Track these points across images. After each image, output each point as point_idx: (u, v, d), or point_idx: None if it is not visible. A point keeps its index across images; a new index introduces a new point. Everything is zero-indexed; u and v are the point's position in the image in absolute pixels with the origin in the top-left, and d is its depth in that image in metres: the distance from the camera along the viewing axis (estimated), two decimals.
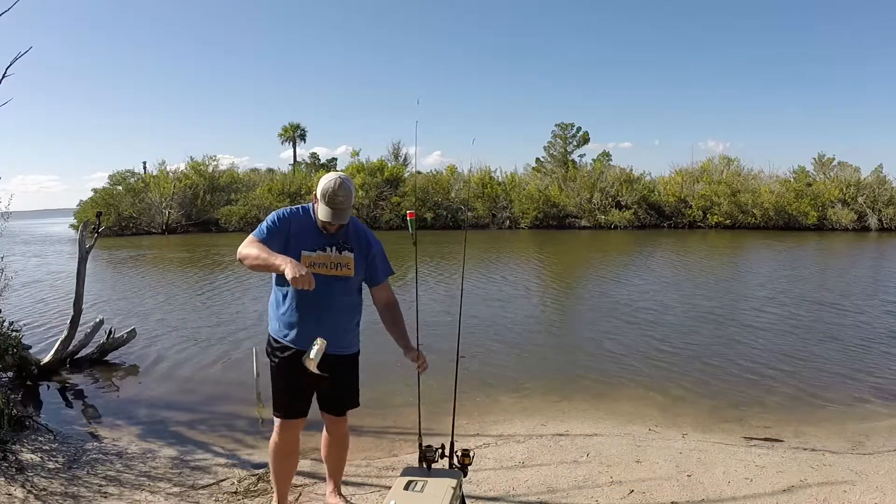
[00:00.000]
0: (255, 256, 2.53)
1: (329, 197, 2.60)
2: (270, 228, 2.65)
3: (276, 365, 2.80)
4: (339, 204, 2.61)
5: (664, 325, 8.38)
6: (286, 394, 2.79)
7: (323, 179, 2.65)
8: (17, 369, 5.90)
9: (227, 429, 4.73)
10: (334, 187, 2.60)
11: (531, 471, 3.65)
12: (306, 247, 2.69)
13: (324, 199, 2.61)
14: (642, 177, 33.39)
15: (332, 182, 2.61)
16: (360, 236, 2.82)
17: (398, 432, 4.57)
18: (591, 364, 6.56)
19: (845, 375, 6.02)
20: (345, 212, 2.64)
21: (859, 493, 3.33)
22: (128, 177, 37.05)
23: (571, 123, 41.10)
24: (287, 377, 2.76)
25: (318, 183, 2.67)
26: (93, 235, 6.74)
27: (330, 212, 2.61)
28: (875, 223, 27.31)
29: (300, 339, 2.71)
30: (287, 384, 2.77)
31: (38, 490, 3.39)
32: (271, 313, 2.83)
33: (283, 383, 2.78)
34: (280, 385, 2.79)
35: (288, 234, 2.67)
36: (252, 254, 2.54)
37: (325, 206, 2.62)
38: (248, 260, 2.56)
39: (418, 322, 2.84)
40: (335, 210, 2.61)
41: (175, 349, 7.41)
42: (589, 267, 16.11)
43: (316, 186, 2.70)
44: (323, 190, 2.60)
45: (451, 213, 32.59)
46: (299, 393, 2.79)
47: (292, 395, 2.78)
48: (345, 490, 3.31)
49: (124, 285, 13.51)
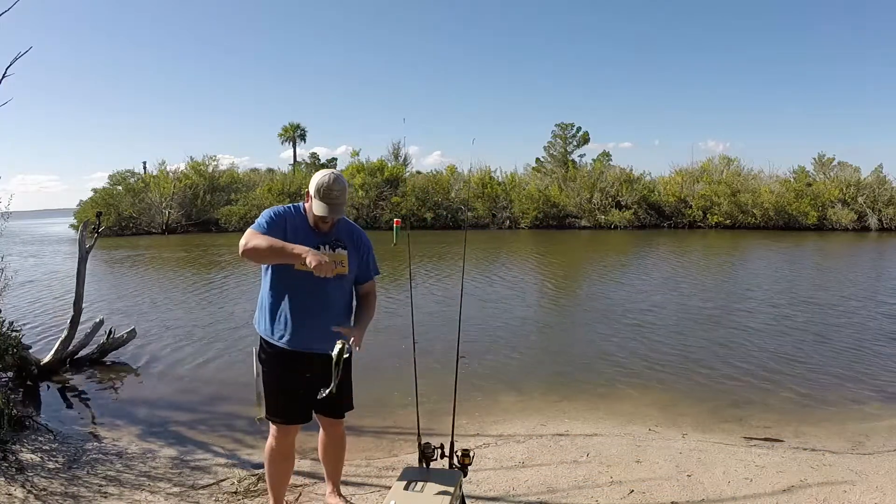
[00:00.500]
0: (269, 246, 2.45)
1: (324, 192, 2.57)
2: (270, 223, 2.58)
3: (270, 368, 2.74)
4: (334, 198, 2.59)
5: (664, 326, 8.38)
6: (283, 397, 2.73)
7: (316, 176, 2.63)
8: (17, 369, 5.90)
9: (227, 429, 4.73)
10: (329, 182, 2.57)
11: (531, 471, 3.65)
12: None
13: (318, 195, 2.58)
14: (642, 177, 33.44)
15: (326, 177, 2.59)
16: (352, 234, 2.80)
17: (398, 432, 4.57)
18: (591, 364, 6.56)
19: (845, 376, 6.02)
20: (340, 206, 2.62)
21: (859, 493, 3.33)
22: (128, 177, 37.06)
23: (571, 123, 41.15)
24: (282, 380, 2.71)
25: (310, 181, 2.66)
26: (93, 235, 6.74)
27: (326, 206, 2.58)
28: (875, 223, 27.33)
29: (298, 341, 2.66)
30: (283, 387, 2.71)
31: (38, 490, 3.39)
32: (263, 315, 2.74)
33: (277, 386, 2.72)
34: (275, 389, 2.73)
35: (285, 231, 2.60)
36: (262, 244, 2.45)
37: (319, 202, 2.58)
38: (258, 250, 2.46)
39: (414, 324, 2.84)
40: (331, 205, 2.59)
41: (175, 349, 7.41)
42: (589, 267, 16.10)
43: (308, 185, 2.69)
44: (318, 185, 2.58)
45: (451, 213, 32.60)
46: (297, 396, 2.71)
47: (290, 399, 2.72)
48: (344, 490, 3.31)
49: (124, 285, 13.50)
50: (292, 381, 2.70)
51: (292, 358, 2.69)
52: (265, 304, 2.73)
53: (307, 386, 2.66)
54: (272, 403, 2.76)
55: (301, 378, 2.69)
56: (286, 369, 2.70)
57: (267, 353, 2.74)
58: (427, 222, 32.01)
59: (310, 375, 2.67)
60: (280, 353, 2.70)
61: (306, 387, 2.66)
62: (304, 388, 2.68)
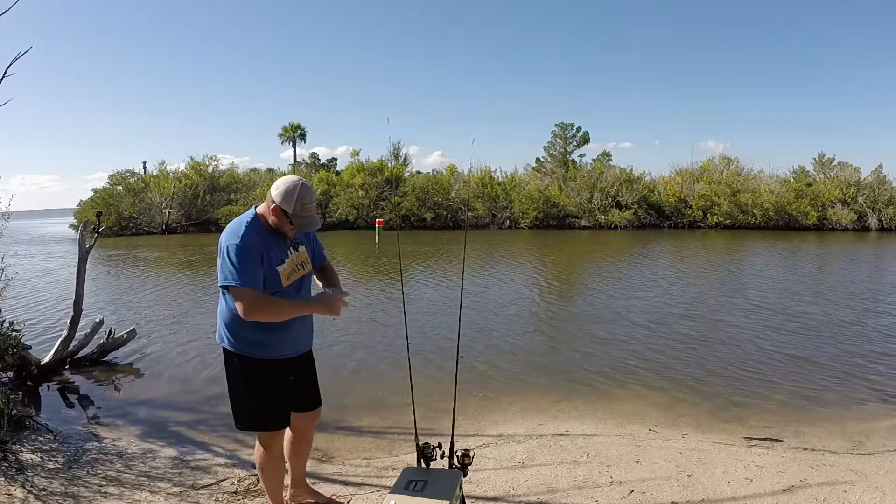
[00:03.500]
0: (283, 313, 2.51)
1: (304, 206, 2.51)
2: (254, 268, 2.45)
3: (258, 381, 2.63)
4: (313, 209, 2.56)
5: (664, 325, 8.38)
6: (277, 403, 2.70)
7: (286, 187, 2.50)
8: (17, 369, 5.90)
9: (227, 429, 4.71)
10: (304, 194, 2.50)
11: (531, 471, 3.65)
12: (277, 261, 2.56)
13: (298, 209, 2.49)
14: (642, 177, 33.44)
15: (297, 188, 2.49)
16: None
17: (398, 432, 4.57)
18: (591, 364, 6.55)
19: (845, 375, 6.01)
20: (316, 216, 2.61)
21: (859, 493, 3.33)
22: (128, 177, 37.13)
23: (571, 123, 41.05)
24: (273, 387, 2.67)
25: (274, 191, 2.52)
26: (93, 235, 6.74)
27: (309, 221, 2.55)
28: (875, 223, 27.33)
29: (287, 347, 2.66)
30: (273, 395, 2.68)
31: (38, 490, 3.39)
32: (248, 335, 2.57)
33: (272, 394, 2.67)
34: (269, 397, 2.66)
35: (262, 259, 2.49)
36: (274, 312, 2.48)
37: (302, 217, 2.52)
38: (275, 319, 2.50)
39: (407, 324, 2.84)
40: (313, 217, 2.57)
41: (175, 349, 7.41)
42: (589, 267, 16.10)
43: (271, 191, 2.54)
44: (297, 198, 2.48)
45: (451, 213, 32.62)
46: (284, 399, 2.73)
47: (284, 403, 2.73)
48: (344, 490, 3.32)
49: (124, 285, 13.50)
50: (280, 386, 2.70)
51: (283, 365, 2.68)
52: (247, 325, 2.54)
53: (290, 386, 2.74)
54: (268, 414, 2.68)
55: (286, 381, 2.72)
56: (276, 377, 2.67)
57: (251, 367, 2.62)
58: (427, 222, 32.02)
59: (293, 378, 2.75)
60: (269, 364, 2.64)
61: (290, 388, 2.74)
62: (290, 390, 2.75)
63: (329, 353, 6.86)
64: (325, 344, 7.19)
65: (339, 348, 7.15)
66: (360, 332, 8.15)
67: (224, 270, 2.45)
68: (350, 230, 30.81)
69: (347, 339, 7.65)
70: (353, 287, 11.70)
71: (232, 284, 2.41)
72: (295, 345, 2.70)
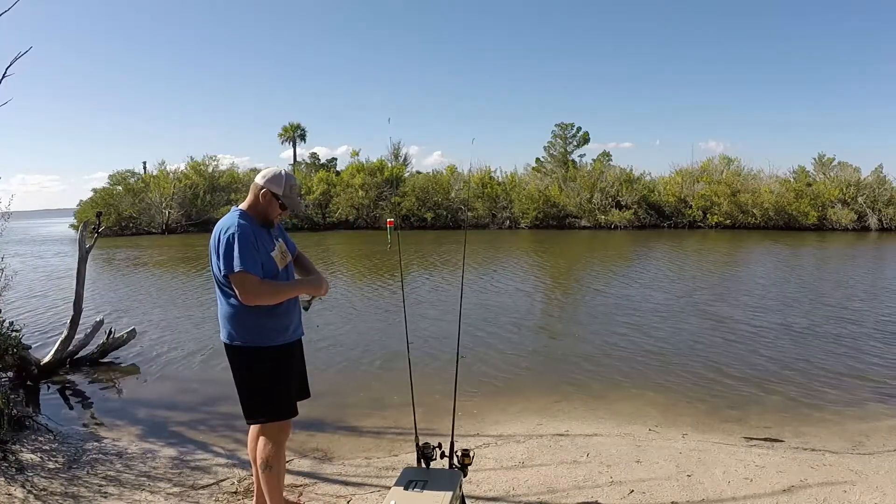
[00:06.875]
0: (282, 294, 2.63)
1: (297, 189, 2.75)
2: (253, 254, 2.55)
3: (273, 369, 2.67)
4: (300, 189, 2.81)
5: (664, 326, 8.38)
6: (291, 390, 2.76)
7: (273, 172, 2.70)
8: (17, 369, 5.90)
9: (227, 429, 4.72)
10: (289, 176, 2.71)
11: (531, 471, 3.65)
12: (269, 249, 2.67)
13: (292, 192, 2.72)
14: (642, 177, 33.43)
15: (283, 172, 2.72)
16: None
17: (398, 432, 4.57)
18: (591, 364, 6.55)
19: (845, 376, 6.01)
20: (300, 199, 2.85)
21: (859, 493, 3.33)
22: (128, 177, 37.12)
23: (571, 123, 40.97)
24: (286, 373, 2.72)
25: (261, 180, 2.69)
26: (93, 235, 6.75)
27: (296, 200, 2.75)
28: (875, 223, 27.32)
29: (291, 331, 2.75)
30: (285, 383, 2.72)
31: (38, 490, 3.39)
32: (257, 323, 2.63)
33: (280, 384, 2.70)
34: (280, 387, 2.70)
35: (257, 246, 2.61)
36: (274, 294, 2.59)
37: (297, 199, 2.77)
38: (274, 301, 2.61)
39: (407, 324, 2.84)
40: (299, 197, 2.79)
41: (175, 349, 7.41)
42: (589, 267, 16.10)
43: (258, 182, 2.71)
44: (286, 185, 2.68)
45: (451, 213, 32.61)
46: (294, 383, 2.81)
47: (291, 390, 2.77)
48: (344, 490, 3.32)
49: (124, 285, 13.50)
50: (292, 372, 2.77)
51: (290, 351, 2.75)
52: (262, 312, 2.62)
53: (295, 374, 2.83)
54: (279, 403, 2.71)
55: (293, 368, 2.80)
56: (285, 364, 2.73)
57: (263, 357, 2.66)
58: (427, 222, 32.02)
59: (294, 363, 2.82)
60: (279, 350, 2.69)
61: (295, 375, 2.82)
62: (295, 377, 2.83)
63: (329, 352, 6.83)
64: (325, 344, 7.20)
65: (339, 348, 7.13)
66: (360, 331, 8.15)
67: (224, 260, 2.52)
68: (350, 230, 30.91)
69: (348, 339, 7.65)
70: (354, 287, 11.71)
71: (236, 270, 2.48)
72: (296, 329, 2.79)
